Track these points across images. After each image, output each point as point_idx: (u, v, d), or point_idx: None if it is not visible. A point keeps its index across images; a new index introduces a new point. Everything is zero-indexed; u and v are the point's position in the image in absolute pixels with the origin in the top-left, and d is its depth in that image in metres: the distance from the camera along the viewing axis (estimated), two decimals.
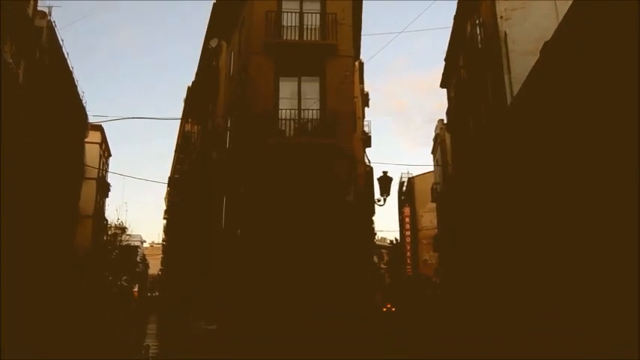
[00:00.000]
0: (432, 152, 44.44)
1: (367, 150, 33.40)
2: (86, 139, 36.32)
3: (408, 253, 52.54)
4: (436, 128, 41.91)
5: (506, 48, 17.88)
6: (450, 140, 31.67)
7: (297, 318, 15.43)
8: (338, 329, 15.01)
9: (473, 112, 23.51)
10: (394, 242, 59.80)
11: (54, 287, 21.41)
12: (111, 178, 48.43)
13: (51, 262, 25.70)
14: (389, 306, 64.82)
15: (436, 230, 42.16)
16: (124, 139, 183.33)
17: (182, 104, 37.43)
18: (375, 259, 41.84)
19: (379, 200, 19.16)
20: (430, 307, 39.74)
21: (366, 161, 32.17)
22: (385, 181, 18.53)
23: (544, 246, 13.47)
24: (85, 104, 32.19)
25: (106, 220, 51.00)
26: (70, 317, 17.13)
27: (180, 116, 37.36)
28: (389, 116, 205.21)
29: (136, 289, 71.72)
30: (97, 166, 39.32)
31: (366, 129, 32.85)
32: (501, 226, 17.85)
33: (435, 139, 41.98)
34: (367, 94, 37.00)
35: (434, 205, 44.44)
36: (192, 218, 31.09)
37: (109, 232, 55.57)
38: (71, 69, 27.85)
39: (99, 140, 42.11)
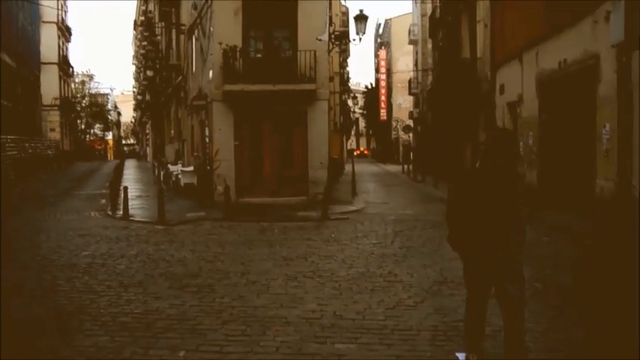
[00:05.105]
0: None
1: None
2: None
3: (383, 97, 52.52)
4: None
5: None
6: None
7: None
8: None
9: None
10: (369, 88, 59.30)
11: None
12: (73, 24, 45.11)
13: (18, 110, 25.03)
14: (362, 149, 66.57)
15: (411, 74, 41.70)
16: None
17: None
18: (350, 102, 41.57)
19: (354, 40, 18.58)
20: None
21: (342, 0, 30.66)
22: (361, 19, 17.86)
23: None
24: None
25: (72, 67, 49.21)
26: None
27: None
28: None
29: (110, 137, 71.51)
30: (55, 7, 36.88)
31: None
32: None
33: None
34: None
35: (410, 47, 43.46)
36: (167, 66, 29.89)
37: (77, 80, 53.96)
38: None
39: None
